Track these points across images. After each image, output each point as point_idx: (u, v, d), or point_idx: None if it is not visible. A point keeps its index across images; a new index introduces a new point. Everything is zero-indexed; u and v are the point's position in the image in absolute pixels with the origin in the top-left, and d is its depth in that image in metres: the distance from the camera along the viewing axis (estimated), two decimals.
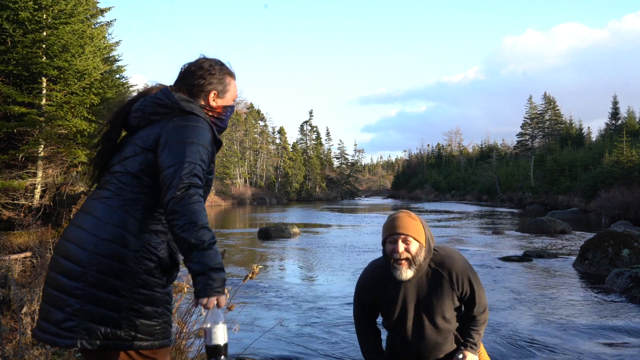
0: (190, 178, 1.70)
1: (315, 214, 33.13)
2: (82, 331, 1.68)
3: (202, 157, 1.77)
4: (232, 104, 2.06)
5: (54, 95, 10.92)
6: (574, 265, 10.39)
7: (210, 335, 1.64)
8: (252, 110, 69.26)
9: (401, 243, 2.21)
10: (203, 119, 1.87)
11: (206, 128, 1.85)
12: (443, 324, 2.30)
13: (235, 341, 4.89)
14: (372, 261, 2.48)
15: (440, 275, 2.27)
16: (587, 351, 5.06)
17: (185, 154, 1.73)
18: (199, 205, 1.69)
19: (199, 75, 1.96)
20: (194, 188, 1.70)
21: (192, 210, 1.66)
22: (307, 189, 69.75)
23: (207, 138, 1.83)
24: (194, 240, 1.64)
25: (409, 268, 2.21)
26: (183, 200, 1.67)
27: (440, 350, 2.30)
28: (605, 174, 33.64)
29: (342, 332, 5.78)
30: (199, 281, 1.64)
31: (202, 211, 1.70)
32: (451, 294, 2.28)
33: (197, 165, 1.73)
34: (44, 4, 10.62)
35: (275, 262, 11.81)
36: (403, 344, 2.33)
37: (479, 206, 44.02)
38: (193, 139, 1.78)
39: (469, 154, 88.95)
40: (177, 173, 1.70)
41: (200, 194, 1.73)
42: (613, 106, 56.94)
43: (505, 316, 6.46)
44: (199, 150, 1.77)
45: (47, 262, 5.19)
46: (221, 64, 2.03)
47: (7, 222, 9.87)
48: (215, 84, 1.98)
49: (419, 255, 2.23)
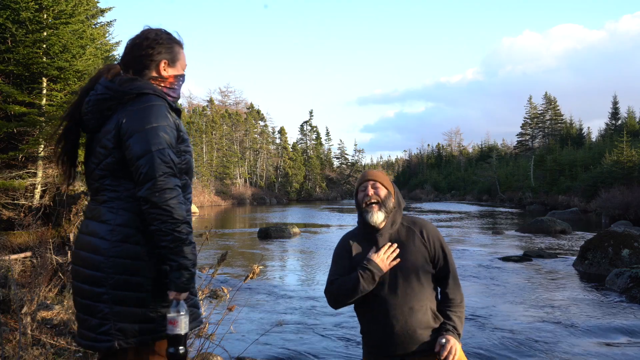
0: (162, 167, 1.68)
1: (315, 214, 33.13)
2: (117, 332, 1.72)
3: (167, 137, 1.73)
4: (182, 73, 1.98)
5: (54, 95, 10.93)
6: (574, 265, 10.39)
7: (172, 325, 1.69)
8: (252, 110, 69.29)
9: (370, 188, 2.35)
10: (153, 94, 1.80)
11: (160, 103, 1.78)
12: (417, 285, 2.27)
13: (235, 341, 4.89)
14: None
15: (413, 232, 2.36)
16: (587, 351, 5.06)
17: (150, 141, 1.70)
18: (176, 199, 1.68)
19: (146, 45, 1.89)
20: (168, 177, 1.69)
21: (170, 204, 1.66)
22: (307, 189, 69.76)
23: (165, 114, 1.77)
24: (172, 235, 1.66)
25: (380, 210, 2.31)
26: (159, 194, 1.66)
27: (416, 318, 2.24)
28: (605, 174, 33.63)
29: (342, 333, 5.78)
30: (174, 276, 1.68)
31: (180, 205, 1.68)
32: (424, 251, 2.32)
33: (165, 150, 1.70)
34: (44, 4, 10.63)
35: (276, 262, 11.81)
36: (377, 312, 2.28)
37: (479, 206, 44.02)
38: (152, 122, 1.73)
39: (469, 154, 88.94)
40: (147, 165, 1.68)
41: (176, 183, 1.72)
42: (613, 106, 56.95)
43: (505, 316, 6.46)
44: (162, 131, 1.72)
45: (46, 262, 5.20)
46: (168, 33, 1.96)
47: (7, 222, 9.87)
48: (164, 53, 1.91)
49: (388, 200, 2.34)
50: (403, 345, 2.25)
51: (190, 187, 1.91)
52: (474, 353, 4.99)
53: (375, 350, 2.32)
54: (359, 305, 2.38)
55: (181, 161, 1.81)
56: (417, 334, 2.25)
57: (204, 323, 3.68)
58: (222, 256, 3.68)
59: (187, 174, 1.86)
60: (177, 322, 1.68)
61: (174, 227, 1.66)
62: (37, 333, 3.80)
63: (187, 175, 1.86)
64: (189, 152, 1.86)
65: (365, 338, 2.37)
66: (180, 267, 1.68)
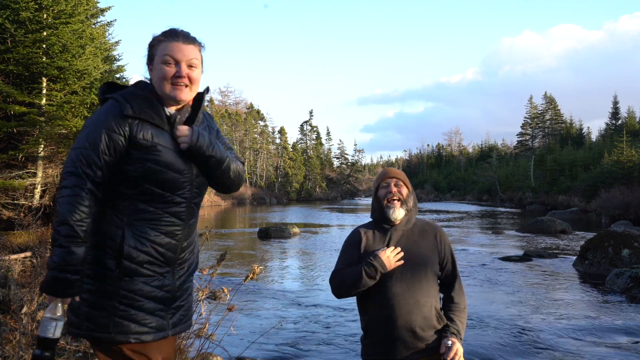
0: (68, 165, 1.70)
1: (315, 214, 33.12)
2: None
3: (93, 141, 1.70)
4: (159, 69, 1.80)
5: (54, 95, 10.93)
6: (574, 265, 10.39)
7: (44, 326, 1.63)
8: (252, 110, 69.28)
9: (393, 186, 2.41)
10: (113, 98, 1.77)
11: (110, 107, 1.75)
12: (425, 282, 2.29)
13: (235, 341, 4.89)
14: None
15: (427, 232, 2.41)
16: (587, 351, 5.06)
17: (77, 140, 1.74)
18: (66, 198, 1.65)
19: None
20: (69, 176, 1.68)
21: (59, 201, 1.67)
22: (307, 189, 69.73)
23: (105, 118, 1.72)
24: (54, 234, 1.65)
25: (401, 207, 2.38)
26: (60, 190, 1.69)
27: (420, 313, 2.25)
28: (605, 174, 33.63)
29: (342, 332, 5.78)
30: (47, 275, 1.65)
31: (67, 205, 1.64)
32: (435, 252, 2.36)
33: (80, 150, 1.70)
34: (44, 4, 10.62)
35: (276, 262, 11.81)
36: (382, 304, 2.28)
37: (479, 206, 44.02)
38: (87, 125, 1.76)
39: (469, 154, 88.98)
40: (66, 161, 1.74)
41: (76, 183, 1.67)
42: (613, 106, 56.94)
43: (505, 316, 6.46)
44: (90, 133, 1.72)
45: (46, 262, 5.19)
46: (165, 31, 1.88)
47: (7, 222, 9.87)
48: (148, 55, 1.86)
49: (409, 199, 2.42)
50: (404, 341, 2.24)
51: (173, 199, 1.80)
52: (474, 353, 4.98)
53: (375, 347, 2.32)
54: (362, 298, 2.38)
55: (135, 169, 1.74)
56: (419, 331, 2.24)
57: (204, 323, 3.68)
58: (222, 256, 3.67)
59: (150, 184, 1.76)
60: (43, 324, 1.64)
61: (57, 224, 1.65)
62: (37, 333, 3.80)
63: (151, 185, 1.76)
64: (152, 160, 1.74)
65: (367, 335, 2.37)
66: (48, 266, 1.65)
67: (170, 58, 1.79)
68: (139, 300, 1.76)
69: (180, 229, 1.84)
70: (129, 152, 1.73)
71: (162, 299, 1.81)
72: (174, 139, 1.81)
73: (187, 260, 1.92)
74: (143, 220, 1.77)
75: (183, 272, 1.90)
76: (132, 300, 1.75)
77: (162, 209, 1.80)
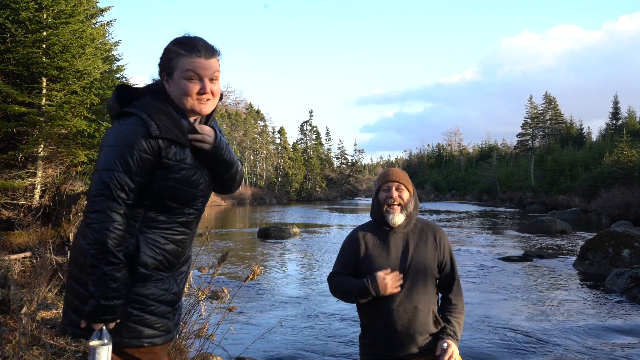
0: (99, 188, 1.64)
1: (315, 214, 33.12)
2: (67, 319, 1.76)
3: (125, 162, 1.65)
4: (182, 84, 1.75)
5: (54, 95, 10.92)
6: (574, 265, 10.38)
7: (97, 354, 1.63)
8: (252, 110, 69.26)
9: (395, 190, 2.37)
10: (138, 116, 1.70)
11: (135, 124, 1.69)
12: (423, 286, 2.29)
13: (235, 341, 4.89)
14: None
15: (426, 234, 2.39)
16: (587, 351, 5.05)
17: (103, 160, 1.67)
18: (103, 223, 1.62)
19: (161, 57, 1.81)
20: (102, 200, 1.63)
21: (94, 227, 1.62)
22: (307, 189, 69.71)
23: (133, 136, 1.67)
24: (93, 261, 1.62)
25: (401, 212, 2.35)
26: (88, 213, 1.65)
27: (419, 319, 2.25)
28: (605, 174, 33.62)
29: (342, 332, 5.77)
30: (89, 304, 1.63)
31: (105, 231, 1.61)
32: (433, 254, 2.35)
33: (112, 172, 1.64)
34: (44, 4, 10.62)
35: (276, 262, 11.80)
36: (381, 308, 2.27)
37: (479, 206, 44.02)
38: (111, 143, 1.68)
39: (469, 154, 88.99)
40: (92, 182, 1.68)
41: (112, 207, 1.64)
42: (614, 106, 56.93)
43: (505, 316, 6.45)
44: (118, 153, 1.66)
45: (46, 263, 5.19)
46: (181, 39, 1.80)
47: (7, 222, 9.86)
48: (163, 64, 1.79)
49: (410, 203, 2.38)
50: (402, 345, 2.25)
51: (187, 211, 1.82)
52: (474, 353, 4.98)
53: (373, 349, 2.32)
54: None
55: (160, 187, 1.73)
56: (418, 336, 2.25)
57: (204, 324, 3.68)
58: (223, 257, 3.67)
59: (173, 201, 1.77)
60: (96, 352, 1.63)
61: (95, 252, 1.62)
62: (36, 333, 3.80)
63: (173, 202, 1.78)
64: (175, 178, 1.75)
65: (365, 335, 2.37)
66: (91, 296, 1.63)
67: (193, 74, 1.75)
68: (151, 304, 1.77)
69: (187, 237, 1.88)
70: (154, 172, 1.72)
71: (169, 301, 1.84)
72: (194, 152, 1.80)
73: (186, 263, 1.95)
74: (155, 228, 1.79)
75: (182, 275, 1.94)
76: (145, 305, 1.77)
77: (174, 219, 1.82)
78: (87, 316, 1.64)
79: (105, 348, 1.64)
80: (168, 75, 1.78)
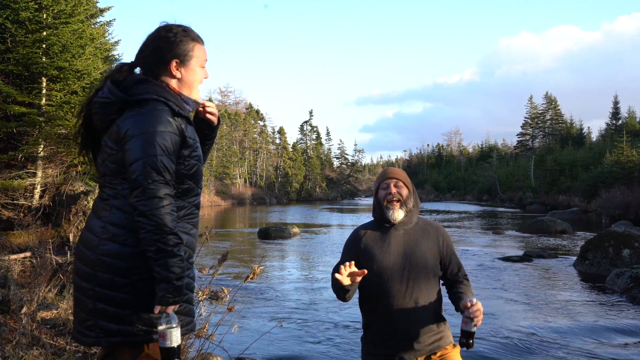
0: (152, 175, 1.64)
1: (315, 214, 33.12)
2: (98, 330, 1.73)
3: (165, 143, 1.68)
4: (198, 72, 1.85)
5: (53, 95, 10.92)
6: (574, 265, 10.38)
7: (173, 337, 1.67)
8: (252, 110, 69.23)
9: (393, 187, 2.40)
10: (156, 99, 1.72)
11: (161, 108, 1.71)
12: (425, 283, 2.29)
13: (235, 341, 4.88)
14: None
15: (428, 232, 2.41)
16: (587, 351, 5.05)
17: (144, 148, 1.66)
18: (164, 208, 1.64)
19: (158, 42, 1.80)
20: (158, 185, 1.64)
21: (156, 213, 1.63)
22: (307, 189, 69.69)
23: (165, 120, 1.70)
24: (157, 246, 1.63)
25: (401, 208, 2.36)
26: (146, 202, 1.63)
27: (420, 314, 2.25)
28: (605, 174, 33.61)
29: (343, 333, 5.77)
30: (161, 288, 1.65)
31: (168, 215, 1.64)
32: (436, 252, 2.36)
33: (157, 157, 1.66)
34: (44, 4, 10.62)
35: (276, 262, 11.80)
36: (383, 304, 2.27)
37: (479, 206, 44.02)
38: (149, 128, 1.67)
39: (469, 154, 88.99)
40: (138, 171, 1.65)
41: (167, 191, 1.67)
42: (614, 106, 56.91)
43: (505, 316, 6.45)
44: (158, 138, 1.67)
45: (46, 263, 5.19)
46: (181, 28, 1.84)
47: (7, 222, 9.86)
48: (175, 51, 1.80)
49: (409, 200, 2.40)
50: (403, 343, 2.25)
51: (197, 191, 1.87)
52: (474, 353, 4.97)
53: (374, 347, 2.32)
54: (363, 297, 2.39)
55: (185, 167, 1.77)
56: (419, 333, 2.25)
57: (204, 324, 3.68)
58: (223, 256, 3.67)
59: (192, 179, 1.82)
60: (166, 335, 1.65)
61: (159, 237, 1.62)
62: (36, 333, 3.80)
63: (192, 180, 1.82)
64: (196, 156, 1.81)
65: (366, 333, 2.38)
66: (163, 280, 1.64)
67: (205, 63, 1.88)
68: (186, 293, 1.79)
69: (199, 219, 1.92)
70: (180, 152, 1.76)
71: (193, 289, 1.89)
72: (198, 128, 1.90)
73: None
74: (182, 217, 1.81)
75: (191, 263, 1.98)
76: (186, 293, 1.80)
77: (191, 202, 1.86)
78: (163, 300, 1.65)
79: (176, 330, 1.67)
80: (182, 63, 1.82)
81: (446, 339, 2.33)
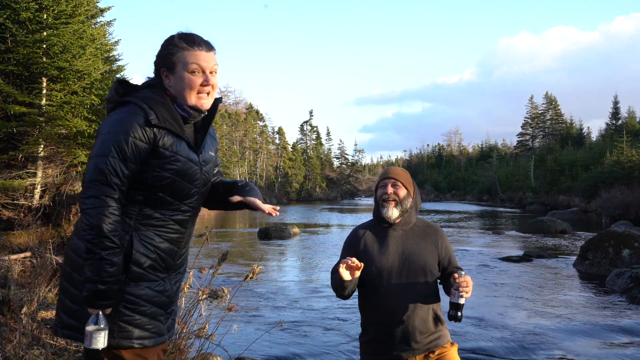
0: (94, 174, 1.65)
1: (315, 214, 33.12)
2: (57, 320, 1.77)
3: (120, 148, 1.66)
4: (186, 78, 1.78)
5: (54, 95, 10.93)
6: (574, 265, 10.39)
7: (90, 339, 1.65)
8: (252, 110, 69.24)
9: (390, 187, 2.41)
10: (135, 103, 1.72)
11: (133, 112, 1.70)
12: (423, 284, 2.30)
13: (235, 341, 4.89)
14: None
15: (427, 234, 2.42)
16: (587, 351, 5.05)
17: (97, 147, 1.68)
18: (97, 209, 1.62)
19: (158, 52, 1.84)
20: (96, 185, 1.64)
21: (89, 212, 1.63)
22: (307, 189, 69.67)
23: (130, 124, 1.67)
24: (85, 246, 1.63)
25: (396, 207, 2.38)
26: (83, 200, 1.66)
27: (418, 315, 2.26)
28: (605, 174, 33.63)
29: (342, 333, 5.78)
30: (86, 289, 1.64)
31: (100, 216, 1.62)
32: (434, 254, 2.38)
33: (107, 158, 1.65)
34: (44, 4, 10.63)
35: (275, 262, 11.80)
36: (381, 305, 2.28)
37: (479, 206, 44.01)
38: (108, 131, 1.68)
39: (469, 154, 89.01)
40: (87, 170, 1.68)
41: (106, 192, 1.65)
42: (613, 106, 56.92)
43: (505, 316, 6.46)
44: (114, 140, 1.66)
45: (46, 262, 5.19)
46: (178, 35, 1.83)
47: (7, 222, 9.87)
48: (163, 60, 1.81)
49: (406, 201, 2.41)
50: (401, 343, 2.26)
51: (180, 207, 1.82)
52: (473, 353, 4.98)
53: (373, 347, 2.32)
54: (361, 297, 2.40)
55: (153, 177, 1.73)
56: (417, 333, 2.26)
57: (204, 324, 3.68)
58: (223, 256, 3.68)
59: (164, 192, 1.76)
60: (88, 335, 1.64)
61: (91, 237, 1.62)
62: (37, 333, 3.80)
63: (164, 193, 1.76)
64: (171, 170, 1.75)
65: (365, 333, 2.39)
66: (87, 281, 1.64)
67: (197, 67, 1.79)
68: (143, 305, 1.76)
69: (182, 236, 1.86)
70: (149, 161, 1.72)
71: (162, 303, 1.83)
72: (190, 147, 1.82)
73: (182, 265, 1.94)
74: (149, 226, 1.77)
75: (178, 278, 1.93)
76: (137, 305, 1.76)
77: (169, 216, 1.81)
78: (85, 301, 1.65)
79: (102, 333, 1.65)
80: (169, 71, 1.81)
81: (444, 338, 2.34)
